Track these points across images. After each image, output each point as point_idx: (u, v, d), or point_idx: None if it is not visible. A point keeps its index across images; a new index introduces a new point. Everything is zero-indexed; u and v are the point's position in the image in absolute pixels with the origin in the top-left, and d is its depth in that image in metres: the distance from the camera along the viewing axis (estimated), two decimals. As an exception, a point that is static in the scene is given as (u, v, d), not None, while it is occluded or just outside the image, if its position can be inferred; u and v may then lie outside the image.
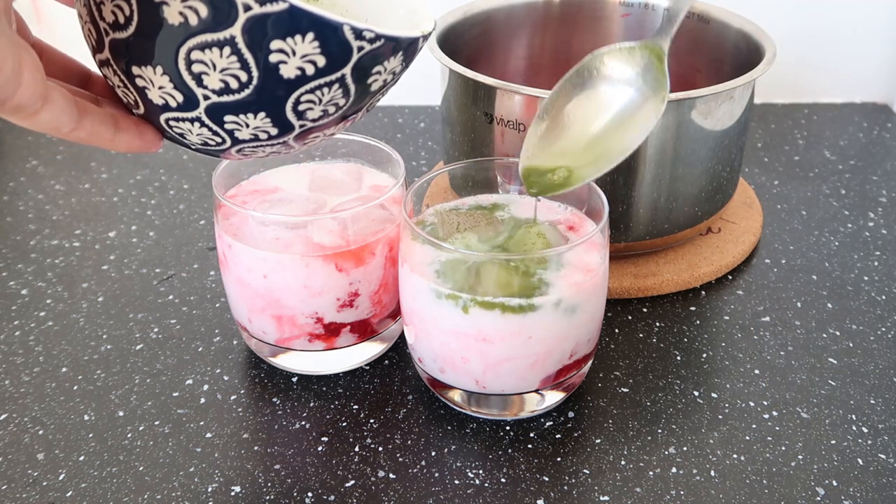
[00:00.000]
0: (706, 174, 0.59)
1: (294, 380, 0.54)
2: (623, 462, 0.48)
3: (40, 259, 0.65)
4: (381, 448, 0.49)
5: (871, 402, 0.51)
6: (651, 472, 0.47)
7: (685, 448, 0.48)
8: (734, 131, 0.59)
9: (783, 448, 0.48)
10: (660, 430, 0.50)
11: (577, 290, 0.46)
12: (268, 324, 0.52)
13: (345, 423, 0.50)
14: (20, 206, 0.73)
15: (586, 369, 0.52)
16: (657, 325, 0.58)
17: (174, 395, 0.52)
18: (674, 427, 0.50)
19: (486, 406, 0.50)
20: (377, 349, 0.55)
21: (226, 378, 0.54)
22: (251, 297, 0.51)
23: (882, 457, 0.48)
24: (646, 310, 0.60)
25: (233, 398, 0.52)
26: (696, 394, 0.52)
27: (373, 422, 0.50)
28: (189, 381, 0.54)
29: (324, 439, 0.49)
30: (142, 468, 0.47)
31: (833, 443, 0.49)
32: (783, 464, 0.47)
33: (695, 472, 0.47)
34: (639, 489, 0.46)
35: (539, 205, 0.52)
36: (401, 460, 0.48)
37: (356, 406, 0.52)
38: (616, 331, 0.58)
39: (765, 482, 0.46)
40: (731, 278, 0.63)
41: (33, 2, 0.87)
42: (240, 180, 0.55)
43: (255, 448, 0.49)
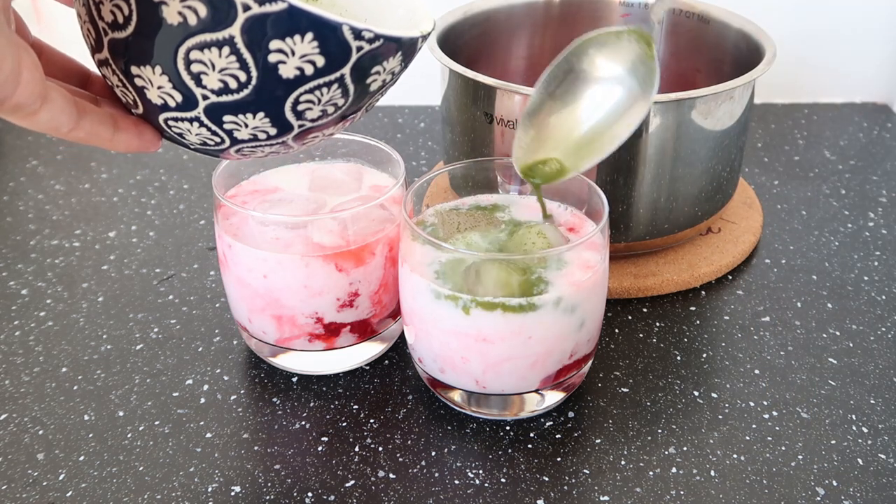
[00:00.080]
0: (706, 174, 0.59)
1: (294, 380, 0.54)
2: (623, 462, 0.48)
3: (40, 259, 0.66)
4: (381, 448, 0.49)
5: (871, 402, 0.51)
6: (651, 472, 0.47)
7: (685, 448, 0.48)
8: (734, 131, 0.59)
9: (783, 448, 0.48)
10: (660, 430, 0.50)
11: (578, 289, 0.46)
12: (268, 324, 0.52)
13: (345, 423, 0.50)
14: (20, 206, 0.73)
15: (586, 369, 0.52)
16: (657, 325, 0.58)
17: (174, 395, 0.52)
18: (674, 427, 0.50)
19: (486, 406, 0.50)
20: (377, 349, 0.55)
21: (226, 378, 0.54)
22: (251, 297, 0.51)
23: (882, 457, 0.48)
24: (646, 310, 0.60)
25: (233, 398, 0.52)
26: (696, 394, 0.52)
27: (373, 422, 0.50)
28: (189, 381, 0.54)
29: (324, 439, 0.49)
30: (142, 468, 0.47)
31: (833, 443, 0.49)
32: (783, 464, 0.47)
33: (695, 472, 0.47)
34: (639, 489, 0.46)
35: (538, 205, 0.52)
36: (401, 460, 0.48)
37: (356, 406, 0.52)
38: (616, 331, 0.58)
39: (765, 482, 0.46)
40: (731, 278, 0.63)
41: (33, 2, 0.87)
42: (240, 180, 0.55)
43: (255, 448, 0.49)
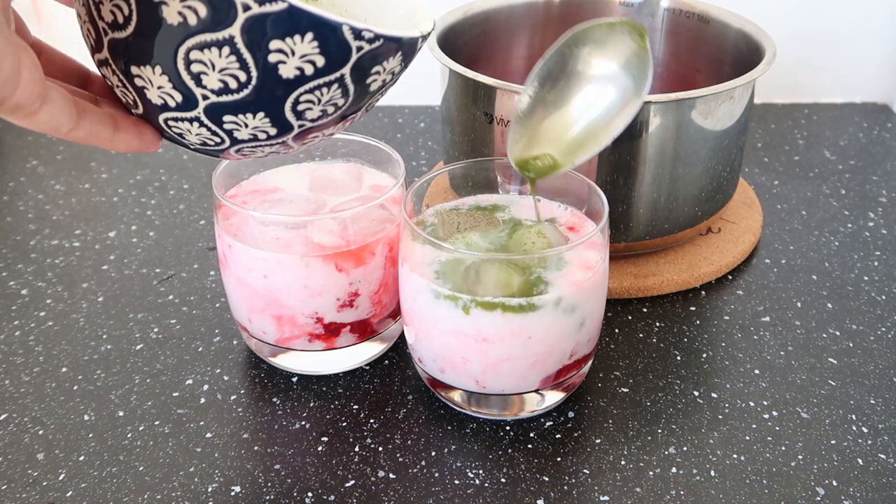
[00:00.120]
0: (706, 174, 0.59)
1: (294, 380, 0.54)
2: (623, 462, 0.48)
3: (40, 259, 0.66)
4: (381, 448, 0.49)
5: (871, 402, 0.51)
6: (651, 472, 0.47)
7: (685, 448, 0.48)
8: (734, 131, 0.59)
9: (783, 448, 0.48)
10: (660, 430, 0.50)
11: (577, 289, 0.46)
12: (268, 324, 0.52)
13: (345, 423, 0.50)
14: (20, 206, 0.73)
15: (586, 369, 0.52)
16: (657, 325, 0.58)
17: (174, 395, 0.52)
18: (674, 427, 0.50)
19: (486, 406, 0.50)
20: (377, 349, 0.55)
21: (226, 378, 0.54)
22: (251, 297, 0.51)
23: (882, 457, 0.48)
24: (646, 310, 0.60)
25: (233, 398, 0.52)
26: (696, 394, 0.52)
27: (373, 422, 0.50)
28: (189, 381, 0.54)
29: (324, 439, 0.49)
30: (142, 468, 0.47)
31: (833, 443, 0.49)
32: (783, 464, 0.47)
33: (695, 472, 0.47)
34: (639, 489, 0.46)
35: (539, 205, 0.52)
36: (401, 460, 0.48)
37: (356, 406, 0.52)
38: (616, 331, 0.58)
39: (765, 482, 0.46)
40: (731, 278, 0.63)
41: (33, 2, 0.87)
42: (240, 180, 0.55)
43: (255, 448, 0.49)
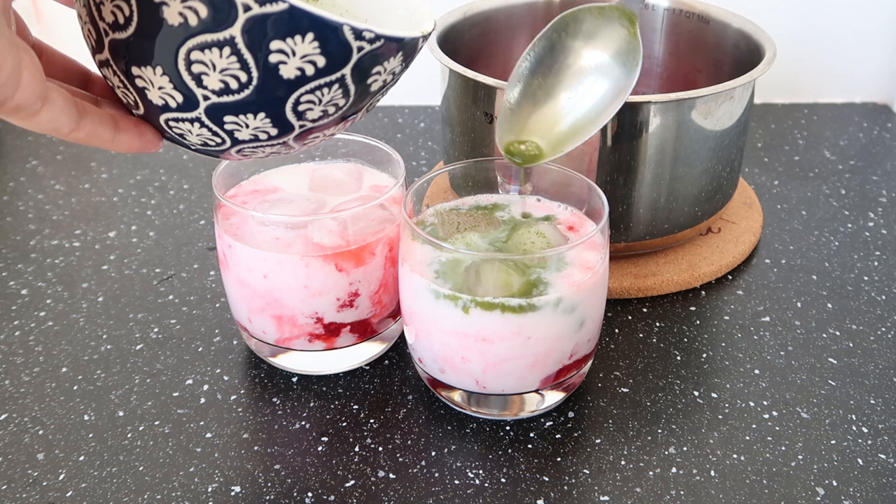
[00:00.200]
0: (706, 174, 0.59)
1: (294, 380, 0.54)
2: (623, 462, 0.48)
3: (40, 259, 0.66)
4: (381, 448, 0.49)
5: (871, 402, 0.51)
6: (651, 472, 0.47)
7: (685, 448, 0.48)
8: (734, 131, 0.59)
9: (783, 448, 0.48)
10: (660, 430, 0.50)
11: (577, 289, 0.46)
12: (268, 324, 0.52)
13: (345, 423, 0.50)
14: (20, 206, 0.73)
15: (586, 369, 0.52)
16: (657, 325, 0.58)
17: (174, 395, 0.53)
18: (674, 427, 0.50)
19: (486, 406, 0.50)
20: (377, 349, 0.55)
21: (226, 378, 0.54)
22: (251, 297, 0.51)
23: (882, 457, 0.48)
24: (646, 310, 0.60)
25: (233, 398, 0.52)
26: (696, 394, 0.52)
27: (373, 422, 0.50)
28: (189, 381, 0.54)
29: (324, 439, 0.49)
30: (142, 468, 0.47)
31: (833, 443, 0.49)
32: (783, 464, 0.47)
33: (695, 472, 0.47)
34: (639, 489, 0.46)
35: (539, 205, 0.53)
36: (401, 460, 0.48)
37: (356, 406, 0.52)
38: (616, 331, 0.58)
39: (765, 482, 0.46)
40: (731, 278, 0.63)
41: (33, 2, 0.87)
42: (240, 180, 0.55)
43: (255, 448, 0.49)
